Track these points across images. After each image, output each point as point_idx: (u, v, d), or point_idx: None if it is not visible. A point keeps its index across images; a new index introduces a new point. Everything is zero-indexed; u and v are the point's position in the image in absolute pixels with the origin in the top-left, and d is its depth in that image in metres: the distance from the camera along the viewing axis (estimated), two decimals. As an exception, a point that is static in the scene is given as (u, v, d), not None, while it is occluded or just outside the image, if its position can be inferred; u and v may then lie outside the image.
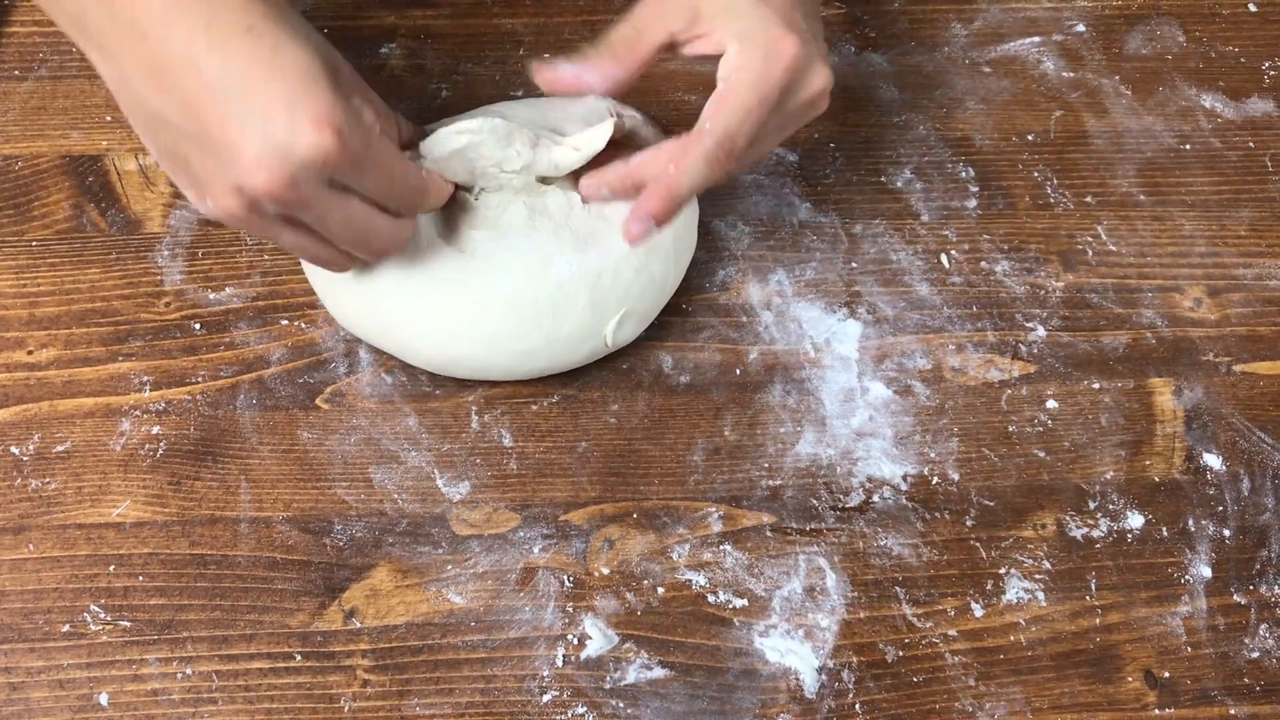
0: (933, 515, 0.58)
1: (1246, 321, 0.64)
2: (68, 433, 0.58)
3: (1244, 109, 0.72)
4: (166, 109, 0.48)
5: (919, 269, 0.65)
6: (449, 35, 0.72)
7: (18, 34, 0.71)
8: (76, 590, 0.54)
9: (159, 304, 0.62)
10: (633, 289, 0.58)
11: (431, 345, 0.57)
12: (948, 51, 0.73)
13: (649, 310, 0.60)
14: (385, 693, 0.53)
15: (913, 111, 0.70)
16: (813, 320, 0.63)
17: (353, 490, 0.57)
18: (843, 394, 0.61)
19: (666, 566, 0.56)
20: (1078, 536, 0.58)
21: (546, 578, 0.56)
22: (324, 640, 0.54)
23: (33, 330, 0.61)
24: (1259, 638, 0.55)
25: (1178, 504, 0.59)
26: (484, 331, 0.56)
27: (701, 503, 0.58)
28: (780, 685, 0.54)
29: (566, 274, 0.56)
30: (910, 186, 0.68)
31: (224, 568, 0.55)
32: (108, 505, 0.56)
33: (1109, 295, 0.65)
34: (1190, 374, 0.62)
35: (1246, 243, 0.67)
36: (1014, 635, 0.55)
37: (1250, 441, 0.60)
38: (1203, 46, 0.74)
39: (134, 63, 0.48)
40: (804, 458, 0.59)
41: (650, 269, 0.59)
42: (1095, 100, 0.72)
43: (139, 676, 0.53)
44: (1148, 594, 0.56)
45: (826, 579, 0.56)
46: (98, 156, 0.66)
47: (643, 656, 0.54)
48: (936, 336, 0.63)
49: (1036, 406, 0.61)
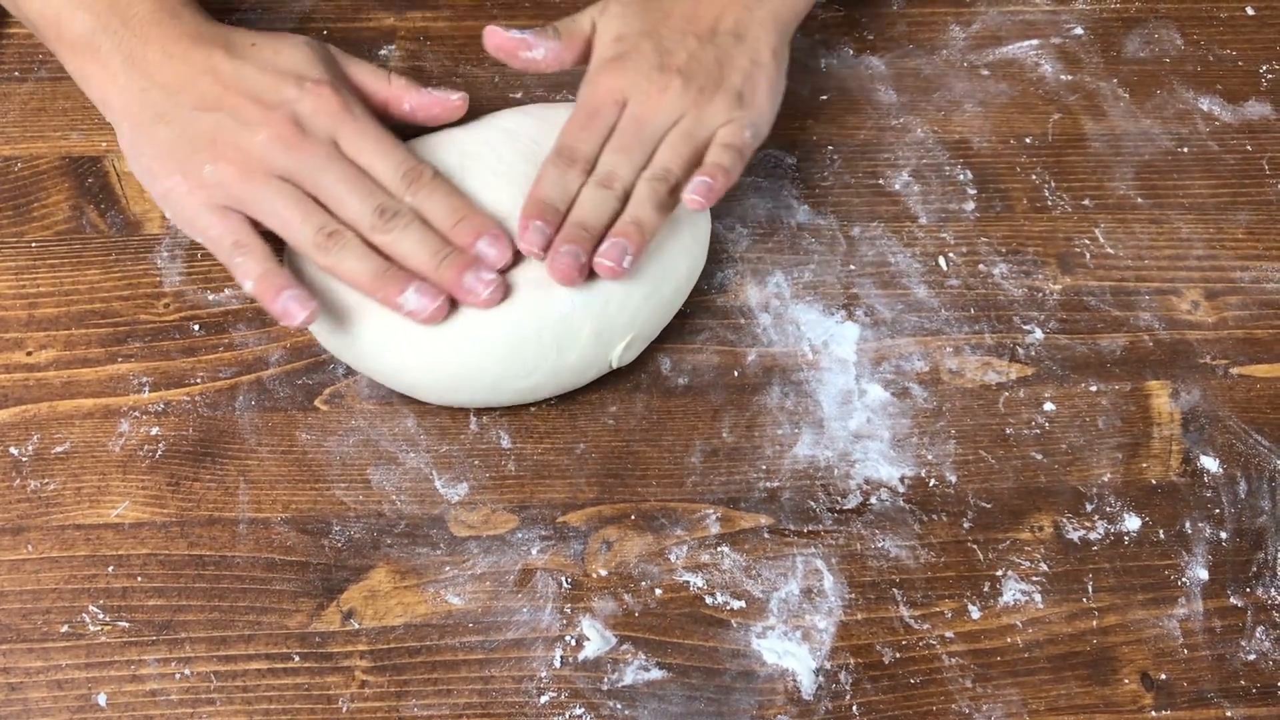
0: (930, 517, 0.58)
1: (1244, 324, 0.64)
2: (67, 433, 0.58)
3: (1241, 112, 0.72)
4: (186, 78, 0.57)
5: (917, 271, 0.65)
6: (448, 37, 0.72)
7: (18, 35, 0.71)
8: (75, 591, 0.55)
9: (158, 305, 0.62)
10: (640, 314, 0.58)
11: (434, 394, 0.58)
12: (946, 54, 0.73)
13: (654, 332, 0.60)
14: (383, 693, 0.53)
15: (911, 114, 0.70)
16: (811, 322, 0.63)
17: (351, 491, 0.57)
18: (840, 396, 0.61)
19: (664, 568, 0.56)
20: (1075, 539, 0.58)
21: (544, 579, 0.56)
22: (322, 641, 0.54)
23: (32, 331, 0.61)
24: (1255, 640, 0.56)
25: (1174, 506, 0.59)
26: (488, 376, 0.57)
27: (699, 504, 0.58)
28: (777, 687, 0.54)
29: (569, 306, 0.56)
30: (908, 189, 0.68)
31: (222, 568, 0.55)
32: (106, 506, 0.56)
33: (1106, 298, 0.65)
34: (1187, 377, 0.62)
35: (1244, 245, 0.67)
36: (1011, 637, 0.55)
37: (1247, 444, 0.60)
38: (1200, 50, 0.74)
39: (156, 43, 0.58)
40: (802, 460, 0.59)
41: (661, 293, 0.59)
42: (1093, 103, 0.72)
43: (137, 677, 0.53)
44: (1144, 596, 0.56)
45: (824, 581, 0.56)
46: (97, 158, 0.66)
47: (640, 658, 0.54)
48: (934, 339, 0.63)
49: (1034, 409, 0.61)
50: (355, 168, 0.56)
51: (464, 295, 0.55)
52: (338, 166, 0.56)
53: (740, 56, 0.61)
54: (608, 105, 0.59)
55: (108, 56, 0.59)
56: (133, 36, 0.58)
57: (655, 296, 0.58)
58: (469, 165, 0.59)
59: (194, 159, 0.56)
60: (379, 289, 0.55)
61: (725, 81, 0.60)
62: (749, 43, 0.62)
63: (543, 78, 0.70)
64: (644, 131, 0.59)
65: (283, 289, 0.55)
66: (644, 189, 0.58)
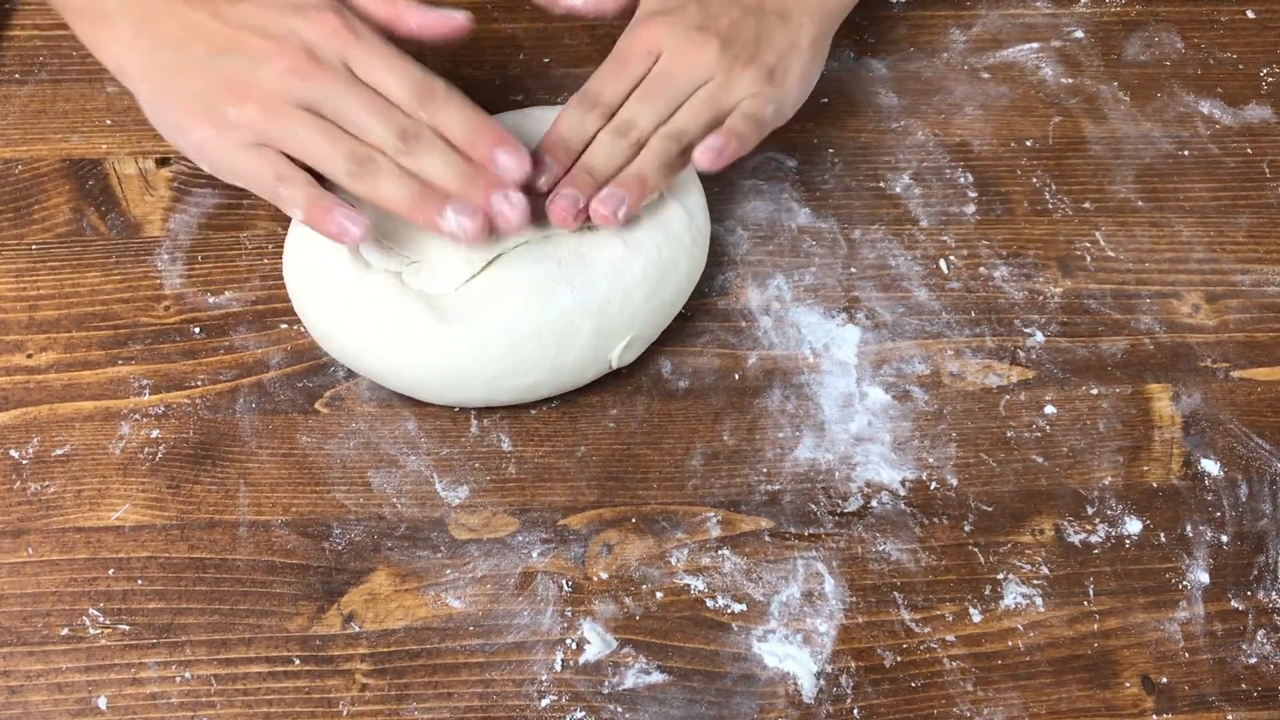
0: (931, 520, 0.58)
1: (1244, 327, 0.64)
2: (67, 436, 0.58)
3: (1242, 115, 0.72)
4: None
5: (918, 274, 0.65)
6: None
7: (18, 37, 0.71)
8: (75, 594, 0.54)
9: (158, 307, 0.62)
10: (640, 314, 0.58)
11: (433, 392, 0.58)
12: (946, 57, 0.73)
13: (654, 333, 0.60)
14: (384, 697, 0.53)
15: (911, 117, 0.70)
16: (811, 325, 0.63)
17: (351, 494, 0.57)
18: (841, 399, 0.61)
19: (665, 571, 0.56)
20: (1076, 542, 0.58)
21: (545, 582, 0.56)
22: (322, 644, 0.54)
23: (32, 333, 0.61)
24: (1256, 643, 0.55)
25: (1175, 510, 0.59)
26: (487, 374, 0.56)
27: (700, 507, 0.58)
28: (778, 690, 0.54)
29: (570, 303, 0.56)
30: (909, 192, 0.68)
31: (223, 571, 0.55)
32: (107, 509, 0.56)
33: (1107, 301, 0.65)
34: (1188, 380, 0.62)
35: (1244, 249, 0.67)
36: (1012, 641, 0.55)
37: (1248, 447, 0.60)
38: (1201, 53, 0.74)
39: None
40: (802, 463, 0.59)
41: (662, 294, 0.59)
42: (1094, 106, 0.72)
43: (138, 680, 0.53)
44: (1145, 599, 0.56)
45: (825, 584, 0.56)
46: (98, 160, 0.66)
47: (641, 661, 0.54)
48: (935, 342, 0.63)
49: (1035, 412, 0.61)
50: (370, 91, 0.56)
51: (493, 217, 0.55)
52: (355, 91, 0.56)
53: (780, 36, 0.62)
54: (640, 55, 0.60)
55: (116, 20, 0.58)
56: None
57: (656, 297, 0.58)
58: None
59: (217, 104, 0.56)
60: (418, 212, 0.54)
61: (760, 56, 0.61)
62: (792, 25, 0.63)
63: (542, 79, 0.70)
64: (671, 86, 0.60)
65: (331, 209, 0.55)
66: (656, 144, 0.58)
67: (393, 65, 0.57)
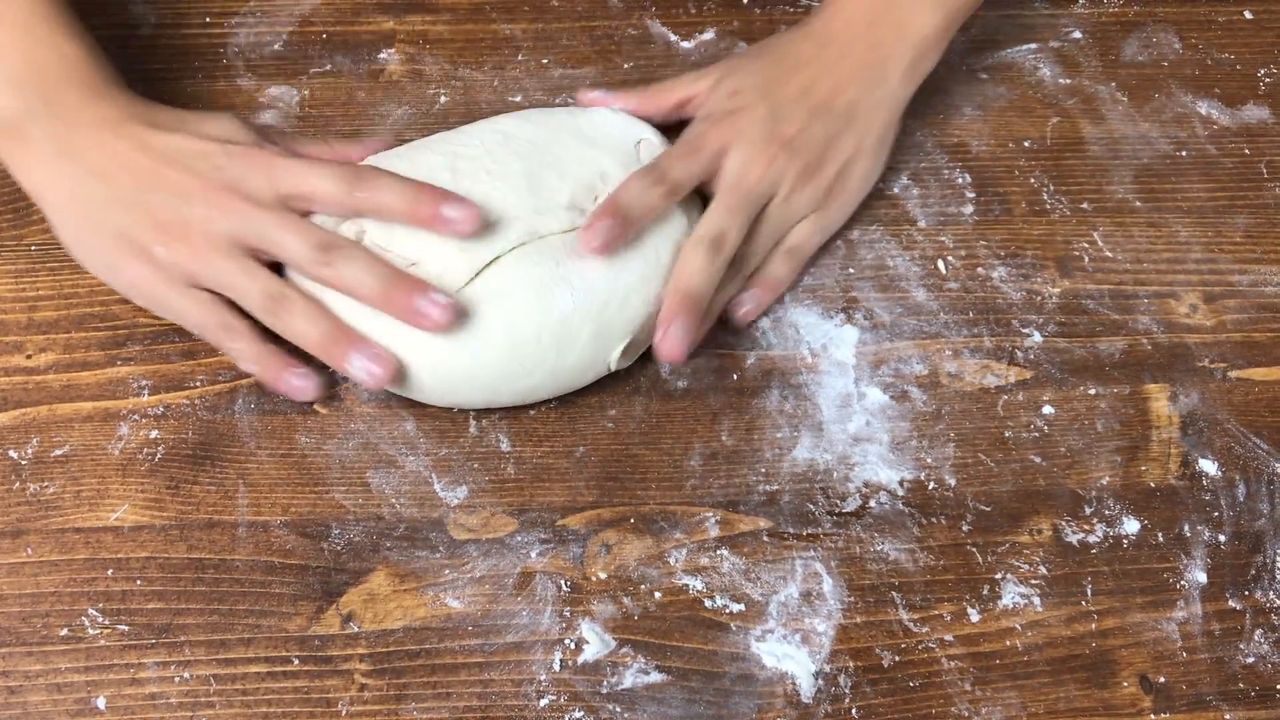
0: (929, 520, 0.58)
1: (1242, 327, 0.64)
2: (66, 436, 0.58)
3: (1240, 116, 0.72)
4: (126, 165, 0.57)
5: (916, 275, 0.65)
6: (447, 41, 0.72)
7: (17, 38, 0.71)
8: (74, 594, 0.55)
9: (157, 308, 0.62)
10: (639, 316, 0.58)
11: (433, 395, 0.58)
12: (944, 58, 0.73)
13: (653, 335, 0.60)
14: (382, 697, 0.53)
15: (909, 117, 0.70)
16: (810, 326, 0.63)
17: (350, 495, 0.57)
18: (839, 399, 0.61)
19: (663, 571, 0.56)
20: (1074, 542, 0.58)
21: (544, 582, 0.56)
22: (321, 644, 0.54)
23: (31, 334, 0.61)
24: (1254, 643, 0.56)
25: (1173, 510, 0.59)
26: (487, 377, 0.57)
27: (698, 507, 0.58)
28: (777, 690, 0.54)
29: (570, 306, 0.56)
30: (907, 192, 0.68)
31: (222, 572, 0.55)
32: (106, 509, 0.56)
33: (1105, 301, 0.65)
34: (1186, 380, 0.62)
35: (1242, 249, 0.67)
36: (1010, 640, 0.55)
37: (1246, 447, 0.61)
38: (1199, 54, 0.74)
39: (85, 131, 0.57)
40: (801, 463, 0.59)
41: (661, 297, 0.59)
42: (1092, 107, 0.72)
43: (137, 680, 0.53)
44: (1143, 599, 0.56)
45: (823, 584, 0.56)
46: (97, 161, 0.66)
47: (640, 661, 0.54)
48: (933, 342, 0.63)
49: (1033, 412, 0.61)
50: (288, 213, 0.57)
51: (418, 320, 0.55)
52: (275, 215, 0.56)
53: (847, 140, 0.63)
54: (709, 153, 0.61)
55: (37, 145, 0.58)
56: (61, 123, 0.58)
57: (654, 300, 0.58)
58: (461, 166, 0.59)
59: (145, 243, 0.57)
60: (324, 353, 0.56)
61: (823, 170, 0.62)
62: (859, 125, 0.63)
63: (542, 81, 0.70)
64: (747, 202, 0.60)
65: (280, 371, 0.57)
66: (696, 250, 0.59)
67: (315, 167, 0.57)
